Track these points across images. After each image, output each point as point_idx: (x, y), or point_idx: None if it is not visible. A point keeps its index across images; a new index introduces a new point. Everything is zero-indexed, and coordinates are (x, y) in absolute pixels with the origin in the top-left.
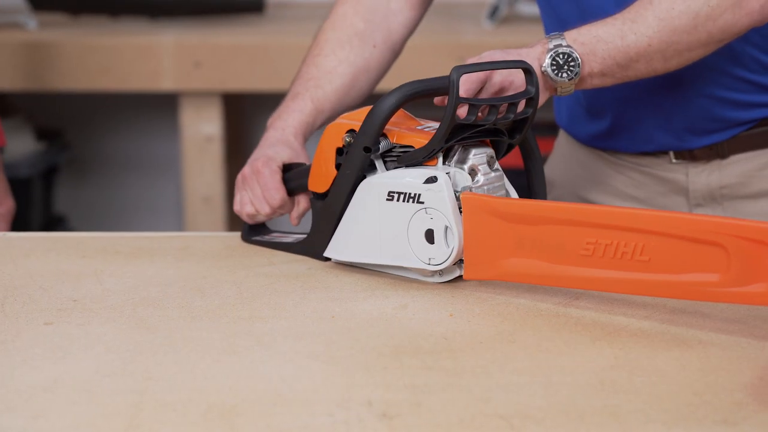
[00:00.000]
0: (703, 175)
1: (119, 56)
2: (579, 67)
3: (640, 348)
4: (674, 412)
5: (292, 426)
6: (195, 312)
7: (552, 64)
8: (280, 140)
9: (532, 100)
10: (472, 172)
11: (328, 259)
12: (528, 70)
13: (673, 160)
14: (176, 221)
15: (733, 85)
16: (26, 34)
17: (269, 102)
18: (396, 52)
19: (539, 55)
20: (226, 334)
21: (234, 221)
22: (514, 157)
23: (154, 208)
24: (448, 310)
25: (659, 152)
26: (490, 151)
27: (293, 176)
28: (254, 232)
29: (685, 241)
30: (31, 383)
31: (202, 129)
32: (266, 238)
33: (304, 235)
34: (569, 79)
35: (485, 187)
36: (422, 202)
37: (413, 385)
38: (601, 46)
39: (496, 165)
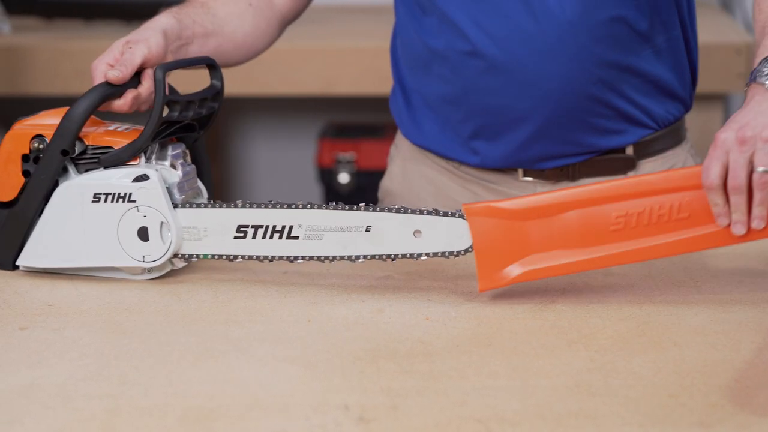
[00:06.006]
0: None
1: (93, 60)
2: None
3: (616, 351)
4: (650, 415)
5: (269, 430)
6: (171, 316)
7: None
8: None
9: (218, 95)
10: (173, 168)
11: (17, 268)
12: (212, 66)
13: (521, 178)
14: None
15: (602, 112)
16: (0, 38)
17: (244, 106)
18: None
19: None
20: (202, 338)
21: None
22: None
23: None
24: (424, 314)
25: (508, 169)
26: (183, 146)
27: None
28: None
29: None
30: (6, 388)
31: None
32: None
33: None
34: None
35: (185, 183)
36: (134, 201)
37: (390, 388)
38: None
39: (189, 159)
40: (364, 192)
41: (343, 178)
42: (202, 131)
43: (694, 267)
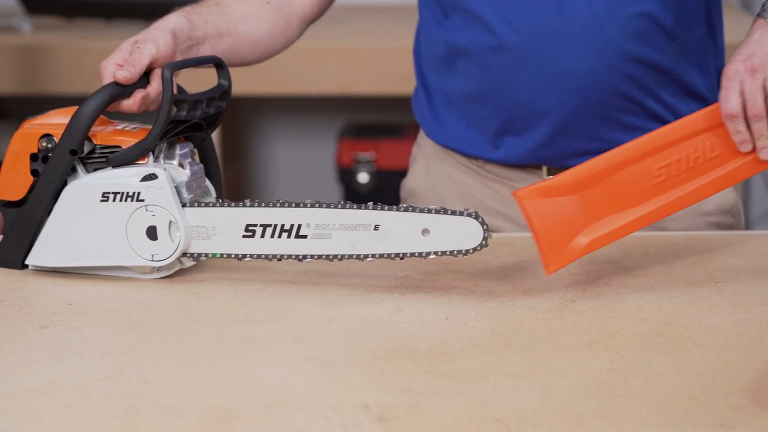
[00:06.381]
0: None
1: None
2: None
3: (636, 351)
4: (670, 416)
5: (289, 429)
6: (191, 315)
7: None
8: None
9: (225, 94)
10: (181, 167)
11: (26, 267)
12: (220, 65)
13: (545, 177)
14: None
15: (628, 108)
16: (21, 37)
17: (263, 105)
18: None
19: None
20: (222, 337)
21: None
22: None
23: None
24: (443, 314)
25: (532, 167)
26: (190, 145)
27: None
28: None
29: None
30: (27, 387)
31: None
32: None
33: None
34: None
35: (193, 182)
36: (142, 200)
37: (409, 388)
38: None
39: (197, 158)
40: (383, 192)
41: (363, 177)
42: (210, 130)
43: (715, 267)
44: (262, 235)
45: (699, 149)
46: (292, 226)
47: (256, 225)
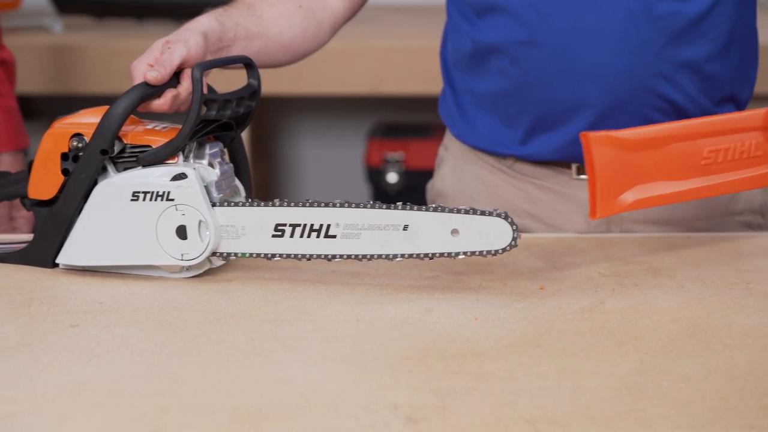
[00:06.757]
0: None
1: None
2: None
3: (666, 353)
4: (700, 418)
5: (318, 429)
6: (220, 315)
7: None
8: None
9: (255, 94)
10: (211, 166)
11: (57, 266)
12: (249, 65)
13: (575, 176)
14: None
15: (659, 105)
16: (52, 37)
17: (293, 105)
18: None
19: None
20: (251, 337)
21: None
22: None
23: None
24: (473, 314)
25: (561, 164)
26: (220, 144)
27: (5, 184)
28: None
29: None
30: (57, 385)
31: None
32: None
33: (23, 245)
34: None
35: (223, 182)
36: (172, 200)
37: (438, 388)
38: None
39: (226, 157)
40: (412, 192)
41: (392, 177)
42: (240, 130)
43: (745, 268)
44: (292, 235)
45: (746, 144)
46: (321, 225)
47: (285, 224)
